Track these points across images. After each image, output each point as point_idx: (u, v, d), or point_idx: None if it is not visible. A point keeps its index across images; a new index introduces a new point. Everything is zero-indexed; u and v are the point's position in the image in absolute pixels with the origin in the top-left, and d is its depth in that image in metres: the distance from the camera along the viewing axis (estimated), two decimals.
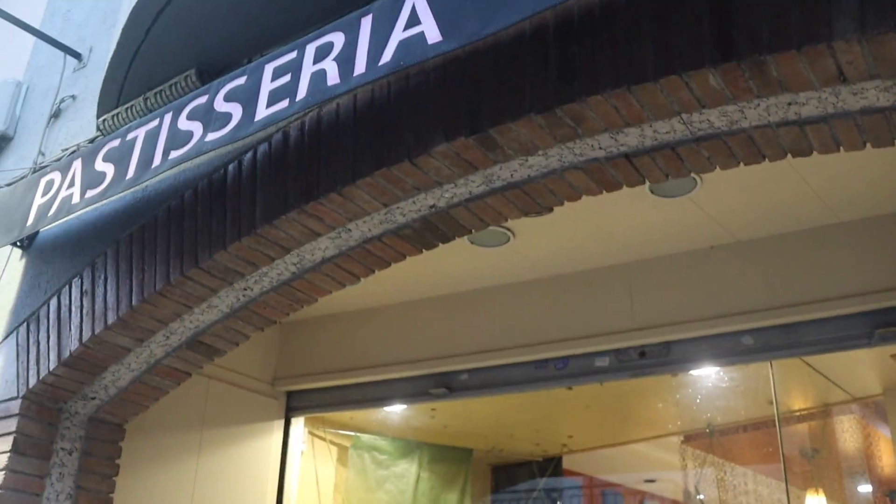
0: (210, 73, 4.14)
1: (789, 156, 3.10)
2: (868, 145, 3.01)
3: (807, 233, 4.95)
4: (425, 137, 3.20)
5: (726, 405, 7.03)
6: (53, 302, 4.48)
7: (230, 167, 3.83)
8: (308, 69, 3.11)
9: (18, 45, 6.04)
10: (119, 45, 4.18)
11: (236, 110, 3.29)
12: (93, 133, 4.76)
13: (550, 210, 3.60)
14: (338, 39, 3.09)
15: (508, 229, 4.88)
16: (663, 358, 5.16)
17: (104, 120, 4.58)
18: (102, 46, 5.22)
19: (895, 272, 4.62)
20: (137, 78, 4.37)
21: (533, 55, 3.02)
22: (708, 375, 6.25)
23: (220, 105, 3.37)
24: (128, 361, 4.39)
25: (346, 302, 5.88)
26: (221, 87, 3.43)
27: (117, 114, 4.49)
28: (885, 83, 2.69)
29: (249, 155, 3.76)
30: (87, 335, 4.19)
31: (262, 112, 3.18)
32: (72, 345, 4.25)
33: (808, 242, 4.93)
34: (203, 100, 3.49)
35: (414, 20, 2.89)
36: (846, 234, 4.82)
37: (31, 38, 5.76)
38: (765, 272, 4.95)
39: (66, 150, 4.88)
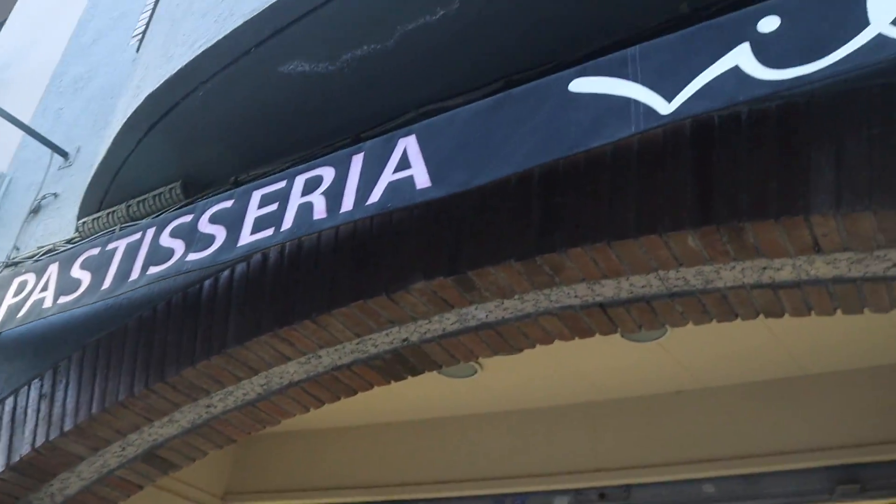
0: (195, 187, 4.18)
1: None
2: (839, 312, 3.07)
3: (772, 383, 4.98)
4: (404, 273, 3.22)
5: None
6: (9, 402, 4.36)
7: (206, 283, 3.82)
8: (296, 200, 3.15)
9: (6, 138, 6.06)
10: (109, 151, 4.21)
11: (220, 233, 3.31)
12: (71, 234, 4.74)
13: (521, 351, 3.61)
14: (327, 174, 3.14)
15: (477, 361, 4.87)
16: (623, 501, 5.11)
17: (84, 222, 4.58)
18: (90, 148, 5.25)
19: (858, 428, 4.65)
20: (122, 184, 4.38)
21: (516, 203, 3.07)
22: None
23: (205, 226, 3.39)
24: (79, 470, 4.26)
25: (305, 420, 5.77)
26: (207, 209, 3.46)
27: (98, 218, 4.49)
28: (857, 256, 2.76)
29: (227, 273, 3.76)
30: (40, 440, 4.08)
31: (245, 238, 3.20)
32: (23, 449, 4.12)
33: (773, 393, 4.96)
34: (188, 219, 3.50)
35: (405, 164, 2.94)
36: (811, 387, 4.87)
37: (19, 132, 5.79)
38: (729, 420, 4.96)
39: (42, 247, 4.85)
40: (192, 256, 3.35)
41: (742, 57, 2.43)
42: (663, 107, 2.51)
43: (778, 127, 2.71)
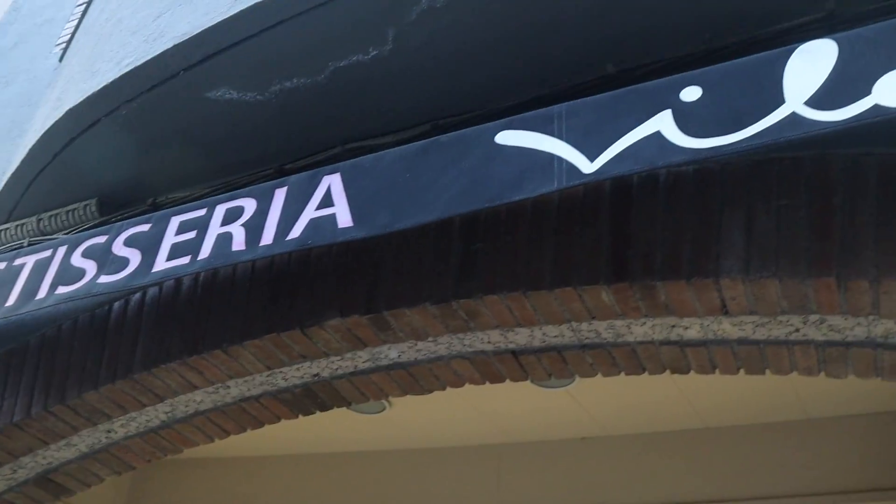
0: (111, 206, 4.08)
1: None
2: (742, 371, 3.16)
3: (675, 434, 5.09)
4: (320, 309, 3.21)
5: None
6: None
7: (115, 305, 3.74)
8: (215, 229, 3.11)
9: None
10: (24, 162, 4.10)
11: (134, 257, 3.24)
12: None
13: (431, 392, 3.62)
14: (249, 205, 3.12)
15: (387, 399, 4.86)
16: None
17: None
18: (2, 155, 5.08)
19: (756, 481, 4.78)
20: (34, 196, 4.26)
21: (436, 247, 3.10)
22: None
23: (119, 248, 3.32)
24: None
25: (209, 448, 5.62)
26: (123, 231, 3.39)
27: (6, 229, 4.36)
28: (762, 319, 2.86)
29: (138, 296, 3.68)
30: None
31: (160, 264, 3.14)
32: None
33: (675, 444, 5.06)
34: (101, 239, 3.42)
35: (328, 201, 2.94)
36: (712, 440, 4.99)
37: None
38: (631, 469, 5.05)
39: None
40: (104, 279, 3.27)
41: (664, 123, 2.51)
42: (586, 165, 2.57)
43: (694, 191, 2.80)
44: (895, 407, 4.58)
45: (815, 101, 2.35)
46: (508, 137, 2.74)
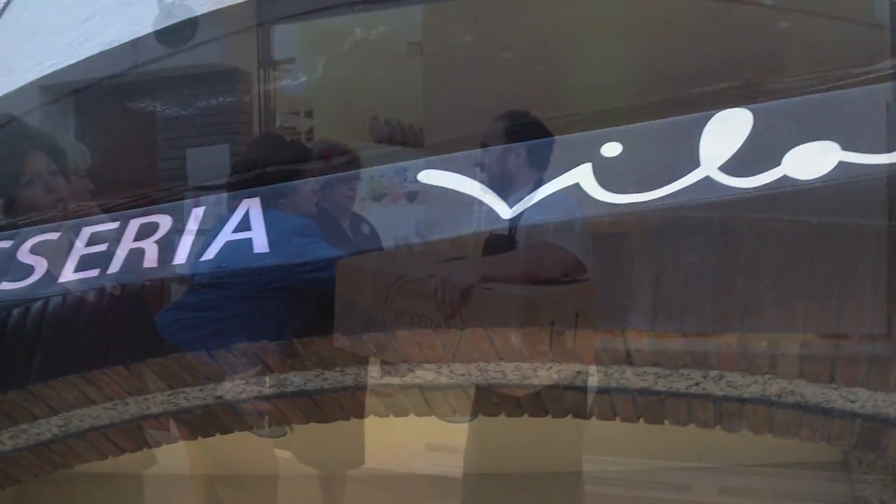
0: (17, 209, 3.96)
1: None
2: (642, 420, 3.22)
3: (573, 475, 5.13)
4: (228, 332, 3.17)
5: None
6: None
7: (15, 312, 3.61)
8: (127, 244, 3.05)
9: None
10: None
11: (40, 266, 3.16)
12: None
13: (335, 421, 3.60)
14: (164, 222, 3.07)
15: (289, 424, 4.80)
16: None
17: None
18: None
19: None
20: None
21: (349, 278, 3.09)
22: None
23: (24, 255, 3.22)
24: None
25: (100, 462, 5.53)
26: (30, 237, 3.29)
27: None
28: (664, 371, 2.93)
29: (39, 304, 3.58)
30: None
31: (67, 275, 3.07)
32: None
33: (572, 484, 5.10)
34: (6, 244, 3.31)
35: (245, 225, 2.92)
36: (610, 482, 5.04)
37: None
38: None
39: None
40: (6, 286, 3.17)
41: (584, 176, 2.56)
42: (505, 211, 2.60)
43: (607, 242, 2.86)
44: (786, 460, 4.72)
45: (729, 168, 2.44)
46: (431, 177, 2.77)
